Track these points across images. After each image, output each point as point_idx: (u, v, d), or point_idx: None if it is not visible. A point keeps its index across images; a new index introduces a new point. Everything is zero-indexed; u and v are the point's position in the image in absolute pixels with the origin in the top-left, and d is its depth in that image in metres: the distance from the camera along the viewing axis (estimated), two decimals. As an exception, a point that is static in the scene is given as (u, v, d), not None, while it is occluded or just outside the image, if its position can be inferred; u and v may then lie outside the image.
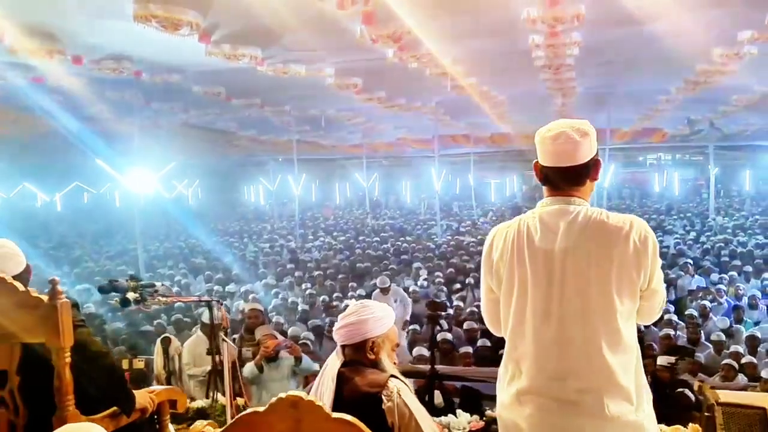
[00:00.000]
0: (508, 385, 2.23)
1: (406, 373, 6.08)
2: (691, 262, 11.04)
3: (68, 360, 2.06)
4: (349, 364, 2.32)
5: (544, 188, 2.28)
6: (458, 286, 10.74)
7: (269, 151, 26.07)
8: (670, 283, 10.27)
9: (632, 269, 2.08)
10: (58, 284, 2.05)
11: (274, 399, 1.73)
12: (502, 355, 2.31)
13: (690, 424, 3.65)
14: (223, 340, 3.35)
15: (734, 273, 10.27)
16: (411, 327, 8.04)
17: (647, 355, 5.81)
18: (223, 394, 3.55)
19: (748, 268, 10.73)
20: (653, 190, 30.11)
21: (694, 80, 12.23)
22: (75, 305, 2.19)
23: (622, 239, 2.08)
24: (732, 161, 25.53)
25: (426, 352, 6.83)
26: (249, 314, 5.71)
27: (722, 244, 13.69)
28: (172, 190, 21.79)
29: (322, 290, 11.09)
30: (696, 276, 10.35)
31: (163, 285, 2.80)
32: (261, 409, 1.73)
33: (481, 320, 8.16)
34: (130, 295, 2.64)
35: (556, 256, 2.12)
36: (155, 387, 2.86)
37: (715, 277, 10.25)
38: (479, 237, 17.20)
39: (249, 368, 5.10)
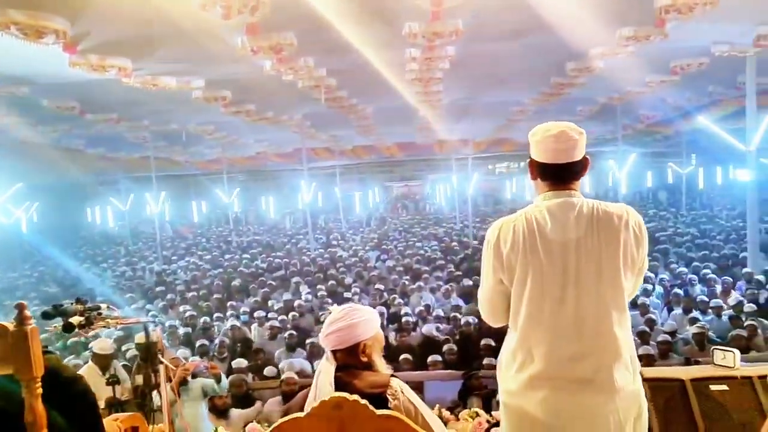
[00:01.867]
0: (518, 372, 2.32)
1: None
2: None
3: (40, 391, 1.81)
4: (344, 368, 2.30)
5: (542, 183, 2.40)
6: (348, 295, 10.73)
7: (120, 169, 24.57)
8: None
9: (635, 250, 2.28)
10: (26, 309, 1.79)
11: (316, 403, 1.66)
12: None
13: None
14: (161, 362, 3.11)
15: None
16: (309, 341, 7.92)
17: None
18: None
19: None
20: (505, 196, 32.14)
21: (549, 92, 13.28)
22: None
23: (623, 225, 2.28)
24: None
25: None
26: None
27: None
28: (10, 216, 19.70)
29: (200, 311, 10.60)
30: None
31: (108, 307, 2.54)
32: (301, 414, 1.65)
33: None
34: (75, 320, 2.37)
35: (570, 245, 2.27)
36: (118, 414, 2.60)
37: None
38: (352, 250, 17.35)
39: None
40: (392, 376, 2.30)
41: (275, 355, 8.03)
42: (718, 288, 9.01)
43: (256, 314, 9.71)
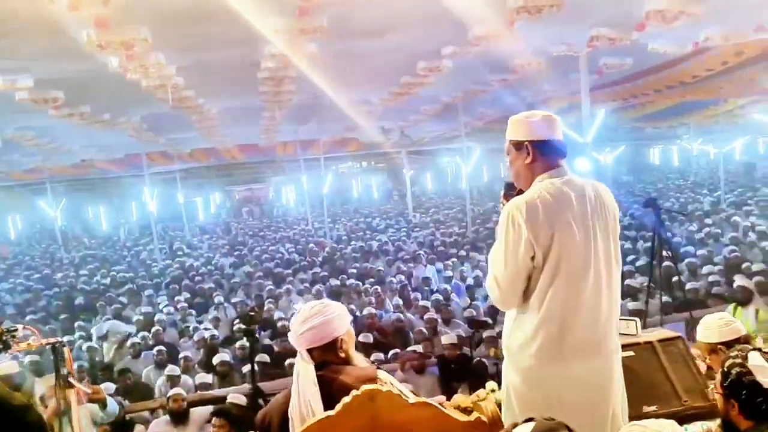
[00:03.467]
0: (541, 351, 2.40)
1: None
2: (423, 254, 12.27)
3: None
4: (324, 366, 2.20)
5: (544, 162, 2.51)
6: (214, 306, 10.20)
7: None
8: (410, 275, 11.30)
9: (618, 225, 2.56)
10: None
11: (347, 397, 1.57)
12: None
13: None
14: (71, 385, 2.75)
15: (454, 259, 11.76)
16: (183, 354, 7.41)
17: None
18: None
19: (462, 253, 12.38)
20: (353, 195, 32.55)
21: (398, 92, 13.58)
22: None
23: (612, 201, 2.54)
24: (419, 164, 29.08)
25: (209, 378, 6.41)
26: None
27: (431, 237, 15.53)
28: None
29: (44, 335, 9.48)
30: (428, 266, 11.56)
31: (25, 327, 2.21)
32: (331, 412, 1.55)
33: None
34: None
35: (588, 218, 2.42)
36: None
37: (439, 265, 11.58)
38: (204, 258, 16.59)
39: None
40: (378, 368, 2.29)
41: (143, 373, 7.41)
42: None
43: (109, 332, 8.90)
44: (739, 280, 6.63)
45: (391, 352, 6.81)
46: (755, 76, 11.82)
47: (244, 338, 6.31)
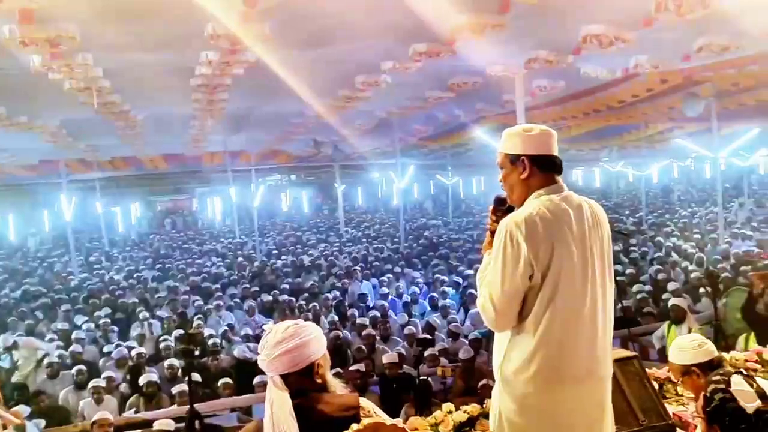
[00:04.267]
0: (538, 373, 2.31)
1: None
2: (359, 269, 12.11)
3: None
4: (301, 394, 2.03)
5: (541, 177, 2.46)
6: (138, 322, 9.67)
7: None
8: (345, 291, 11.11)
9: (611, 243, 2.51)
10: None
11: None
12: None
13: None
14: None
15: (389, 275, 11.68)
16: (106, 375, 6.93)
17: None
18: None
19: (397, 269, 12.32)
20: (281, 208, 32.00)
21: (334, 105, 13.45)
22: None
23: (605, 219, 2.49)
24: (350, 179, 28.94)
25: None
26: None
27: (365, 252, 15.42)
28: None
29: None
30: (364, 281, 11.41)
31: None
32: None
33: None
34: None
35: (586, 237, 2.36)
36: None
37: (374, 281, 11.47)
38: (126, 271, 15.83)
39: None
40: (359, 395, 2.16)
41: (60, 395, 6.89)
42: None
43: (22, 349, 8.26)
44: (673, 300, 6.86)
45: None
46: (676, 103, 12.42)
47: (180, 357, 5.96)
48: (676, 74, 10.21)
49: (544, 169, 2.46)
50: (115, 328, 9.53)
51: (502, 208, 2.57)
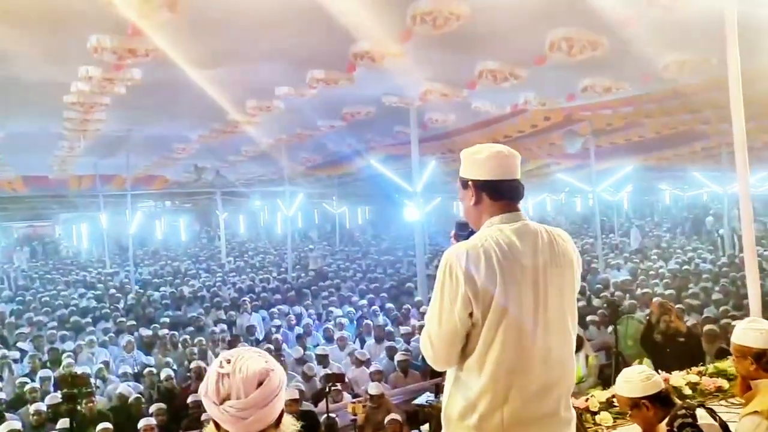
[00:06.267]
0: (483, 420, 2.09)
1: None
2: (248, 300, 11.58)
3: None
4: None
5: (493, 205, 2.23)
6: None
7: None
8: (232, 323, 10.55)
9: (578, 274, 2.29)
10: None
11: None
12: None
13: None
14: None
15: (280, 306, 11.31)
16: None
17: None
18: None
19: (284, 301, 11.97)
20: (155, 236, 30.29)
21: (221, 129, 12.94)
22: None
23: (572, 249, 2.26)
24: (232, 206, 27.98)
25: None
26: None
27: (250, 282, 14.86)
28: None
29: None
30: (253, 313, 10.91)
31: None
32: None
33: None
34: None
35: (539, 271, 2.14)
36: None
37: (264, 313, 11.05)
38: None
39: None
40: None
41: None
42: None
43: None
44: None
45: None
46: (555, 140, 13.17)
47: (64, 401, 5.28)
48: (558, 112, 10.82)
49: (495, 195, 2.23)
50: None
51: (464, 233, 2.32)
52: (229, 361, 1.61)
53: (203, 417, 6.00)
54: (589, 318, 8.12)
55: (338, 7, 6.24)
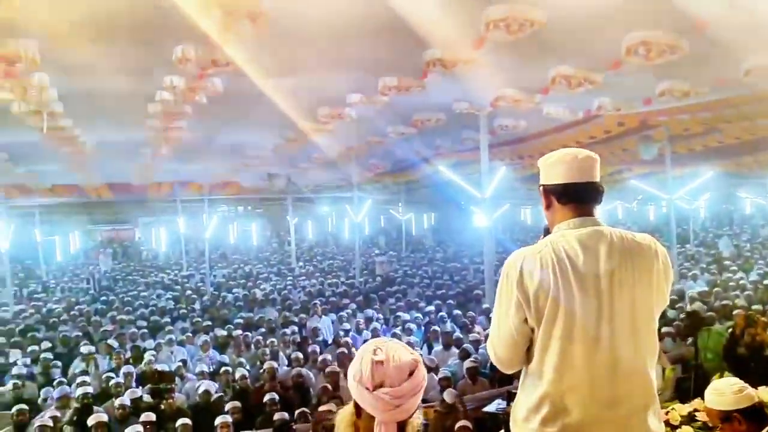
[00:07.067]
0: (543, 425, 2.05)
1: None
2: (319, 303, 11.80)
3: None
4: None
5: (563, 209, 2.20)
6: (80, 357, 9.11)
7: None
8: (302, 325, 10.78)
9: (663, 284, 2.16)
10: None
11: None
12: None
13: None
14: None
15: (348, 310, 11.46)
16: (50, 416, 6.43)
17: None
18: None
19: (353, 305, 12.11)
20: (229, 240, 31.21)
21: (293, 138, 13.26)
22: None
23: (654, 257, 2.14)
24: (302, 212, 28.63)
25: None
26: None
27: (320, 287, 15.14)
28: None
29: None
30: (323, 316, 11.12)
31: None
32: None
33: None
34: None
35: (603, 279, 2.06)
36: None
37: (333, 316, 11.23)
38: (66, 302, 15.06)
39: None
40: None
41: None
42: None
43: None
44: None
45: (297, 412, 6.28)
46: (629, 146, 12.81)
47: (150, 395, 5.54)
48: (633, 118, 10.53)
49: (563, 200, 2.20)
50: (59, 363, 8.92)
51: None
52: (381, 350, 1.66)
53: (276, 416, 6.17)
54: (664, 329, 7.84)
55: (411, 15, 6.33)
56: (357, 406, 1.70)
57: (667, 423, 3.76)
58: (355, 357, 1.74)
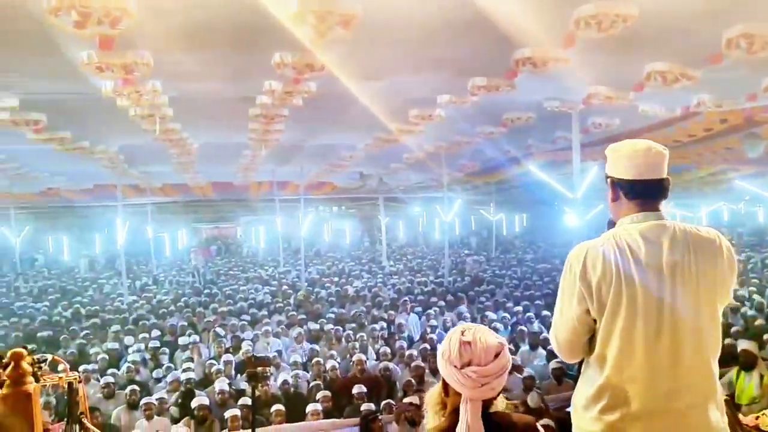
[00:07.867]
0: (603, 413, 2.11)
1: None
2: (408, 300, 12.05)
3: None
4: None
5: (629, 204, 2.22)
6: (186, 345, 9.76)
7: None
8: (391, 322, 11.04)
9: (728, 278, 2.16)
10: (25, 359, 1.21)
11: None
12: None
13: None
14: (85, 427, 2.41)
15: (435, 308, 11.60)
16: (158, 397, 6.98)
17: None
18: None
19: (441, 303, 12.24)
20: (323, 239, 32.18)
21: (385, 138, 13.52)
22: None
23: (718, 250, 2.15)
24: (393, 212, 29.10)
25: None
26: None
27: (408, 285, 15.38)
28: None
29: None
30: (411, 314, 11.34)
31: (55, 359, 1.92)
32: None
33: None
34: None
35: (665, 273, 2.09)
36: None
37: (421, 313, 11.42)
38: (173, 294, 16.09)
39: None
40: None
41: (113, 414, 6.96)
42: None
43: (81, 369, 8.38)
44: (742, 344, 6.52)
45: (383, 403, 6.51)
46: (733, 144, 12.15)
47: (248, 381, 5.92)
48: (737, 114, 10.00)
49: (630, 194, 2.20)
50: (167, 350, 9.62)
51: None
52: (468, 331, 1.82)
53: (362, 407, 6.40)
54: (766, 336, 7.44)
55: (500, 15, 6.36)
56: (445, 385, 1.84)
57: (756, 428, 3.67)
58: (444, 338, 1.90)
